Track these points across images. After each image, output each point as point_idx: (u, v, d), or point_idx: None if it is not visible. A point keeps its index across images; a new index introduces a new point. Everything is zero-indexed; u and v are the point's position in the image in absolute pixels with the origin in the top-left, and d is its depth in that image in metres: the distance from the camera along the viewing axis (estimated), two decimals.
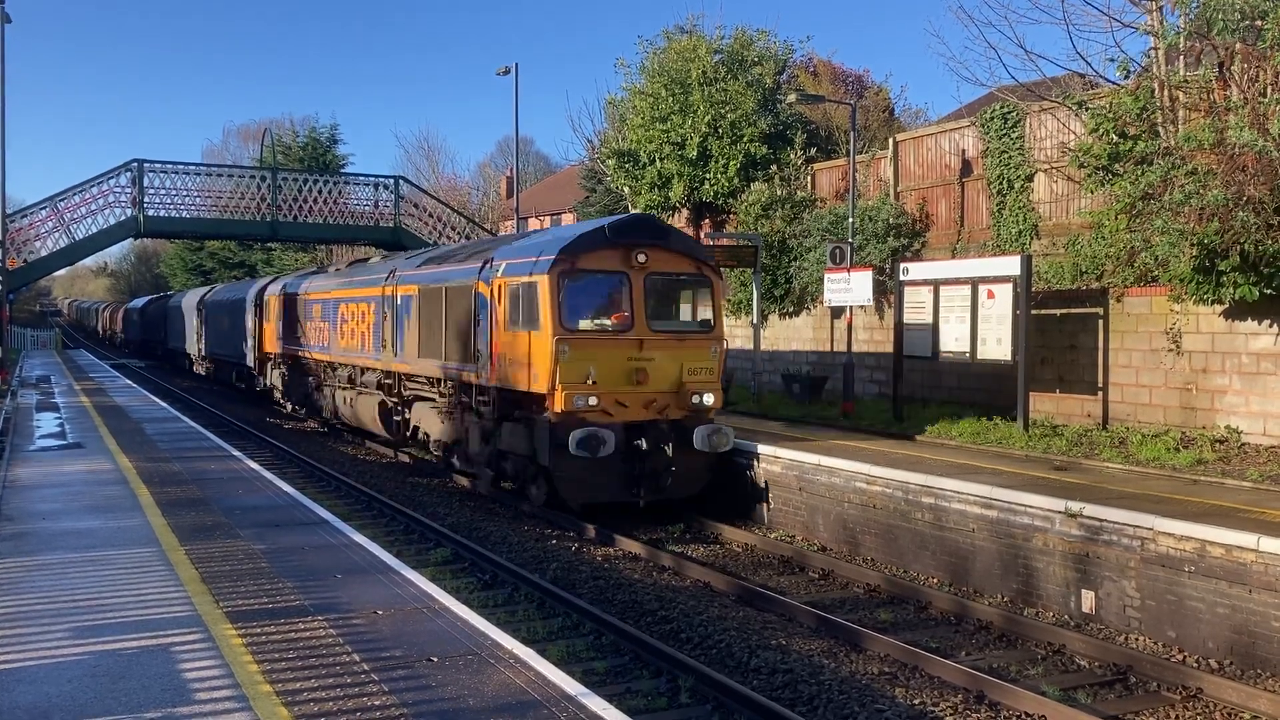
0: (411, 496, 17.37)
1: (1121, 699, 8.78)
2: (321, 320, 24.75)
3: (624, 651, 9.34)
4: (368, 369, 21.67)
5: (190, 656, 6.93)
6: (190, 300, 44.95)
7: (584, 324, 14.41)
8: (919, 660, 9.27)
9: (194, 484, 13.95)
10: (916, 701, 8.47)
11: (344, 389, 23.28)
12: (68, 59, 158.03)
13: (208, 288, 47.42)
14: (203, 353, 41.22)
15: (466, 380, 16.53)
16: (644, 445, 14.33)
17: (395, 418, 20.34)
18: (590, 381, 14.07)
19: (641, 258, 14.49)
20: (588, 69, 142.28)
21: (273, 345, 29.45)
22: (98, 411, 23.97)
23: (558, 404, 13.95)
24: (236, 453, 17.52)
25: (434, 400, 18.44)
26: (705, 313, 15.39)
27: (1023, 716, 8.24)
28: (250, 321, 31.73)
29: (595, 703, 6.21)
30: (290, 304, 27.65)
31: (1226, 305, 14.58)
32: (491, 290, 15.46)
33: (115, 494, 13.10)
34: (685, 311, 15.60)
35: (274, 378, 30.01)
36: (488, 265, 15.85)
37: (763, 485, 15.16)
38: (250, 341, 31.87)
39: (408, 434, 20.02)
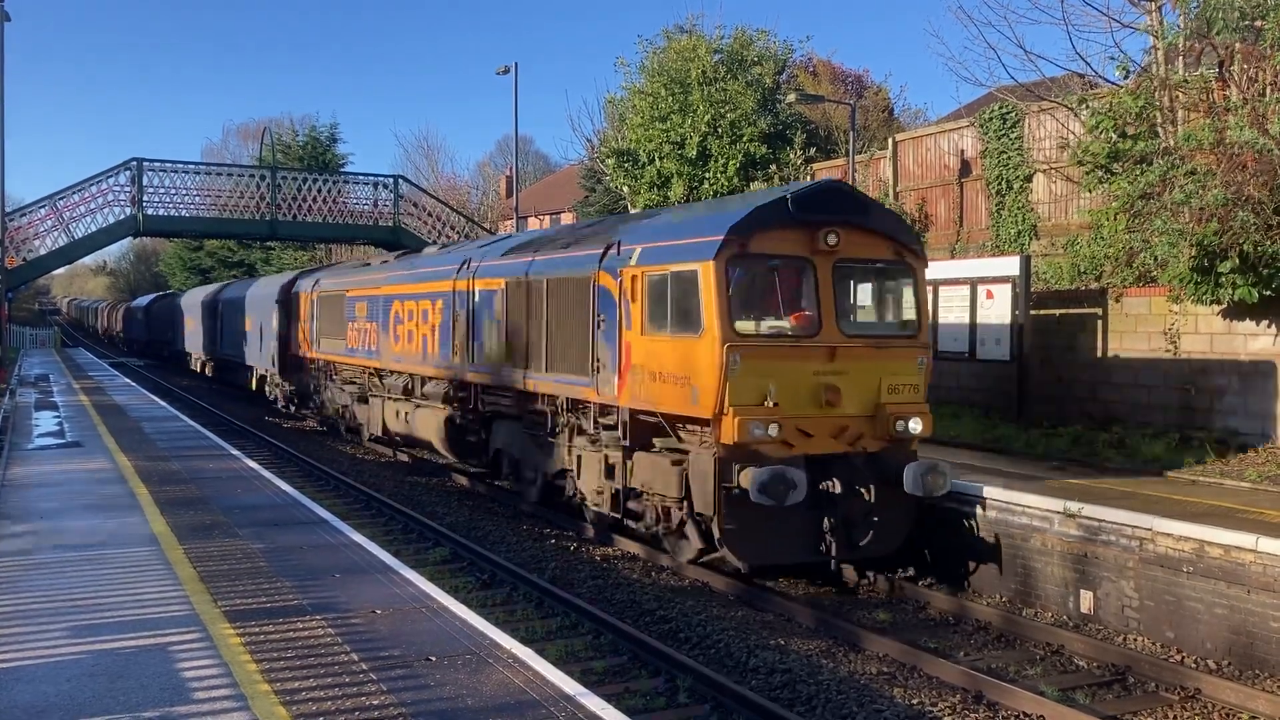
0: (410, 496, 17.37)
1: (1120, 699, 8.78)
2: (367, 320, 21.12)
3: (622, 651, 9.34)
4: (431, 379, 18.21)
5: (188, 656, 6.93)
6: (201, 298, 41.28)
7: (757, 326, 11.27)
8: (917, 660, 9.27)
9: (193, 483, 13.95)
10: (915, 701, 8.47)
11: (397, 401, 19.67)
12: (67, 57, 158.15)
13: (222, 284, 43.88)
14: (216, 355, 37.34)
15: (579, 397, 13.29)
16: (835, 488, 11.15)
17: (469, 438, 17.01)
18: (769, 403, 10.78)
19: (832, 239, 11.16)
20: (587, 68, 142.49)
21: (302, 348, 26.27)
22: (97, 410, 23.97)
23: (728, 433, 10.70)
24: (235, 451, 17.52)
25: (526, 420, 15.08)
26: (907, 311, 12.08)
27: (1021, 717, 8.24)
28: (275, 322, 28.39)
29: (594, 702, 6.21)
30: (326, 302, 24.23)
31: (1225, 306, 14.58)
32: (621, 283, 12.14)
33: (114, 493, 13.10)
34: (879, 309, 12.32)
35: (304, 384, 26.76)
36: (612, 251, 12.55)
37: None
38: (274, 344, 28.56)
39: (486, 458, 16.92)
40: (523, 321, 14.67)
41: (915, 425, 11.41)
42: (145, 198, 31.69)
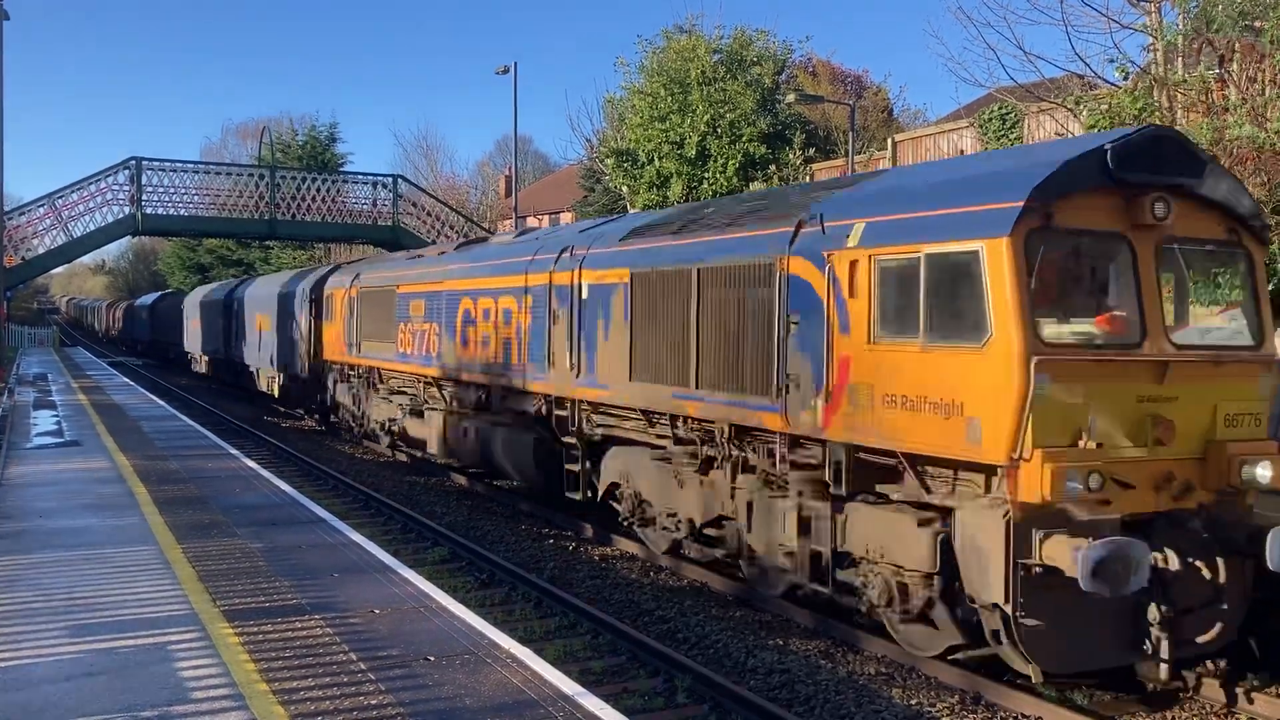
0: (409, 495, 17.36)
1: (1119, 700, 8.77)
2: (425, 320, 18.01)
3: (621, 651, 9.34)
4: (515, 391, 15.04)
5: (187, 655, 6.93)
6: (213, 296, 39.01)
7: (1059, 331, 8.00)
8: (916, 661, 9.27)
9: (191, 482, 13.96)
10: (914, 702, 8.47)
11: (465, 417, 16.79)
12: (67, 55, 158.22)
13: (236, 280, 41.72)
14: (232, 358, 34.60)
15: (753, 425, 10.16)
16: (1169, 562, 8.01)
17: (569, 466, 13.71)
18: (1088, 442, 7.72)
19: (1159, 209, 8.05)
20: (587, 68, 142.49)
21: (336, 352, 23.03)
22: (95, 409, 23.97)
23: (1031, 485, 7.54)
24: (234, 451, 17.54)
25: (660, 448, 12.05)
26: (1242, 312, 8.98)
27: (1019, 717, 8.24)
28: (303, 322, 25.68)
29: (592, 702, 6.22)
30: (370, 299, 20.92)
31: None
32: (829, 271, 9.03)
33: (112, 492, 13.10)
34: (1204, 309, 9.29)
35: (339, 392, 23.49)
36: (809, 229, 9.48)
37: None
38: (302, 346, 25.70)
39: (593, 492, 13.51)
40: (660, 323, 11.58)
41: (1264, 471, 8.15)
42: (144, 197, 31.69)
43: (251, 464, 16.03)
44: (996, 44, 36.10)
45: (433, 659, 6.92)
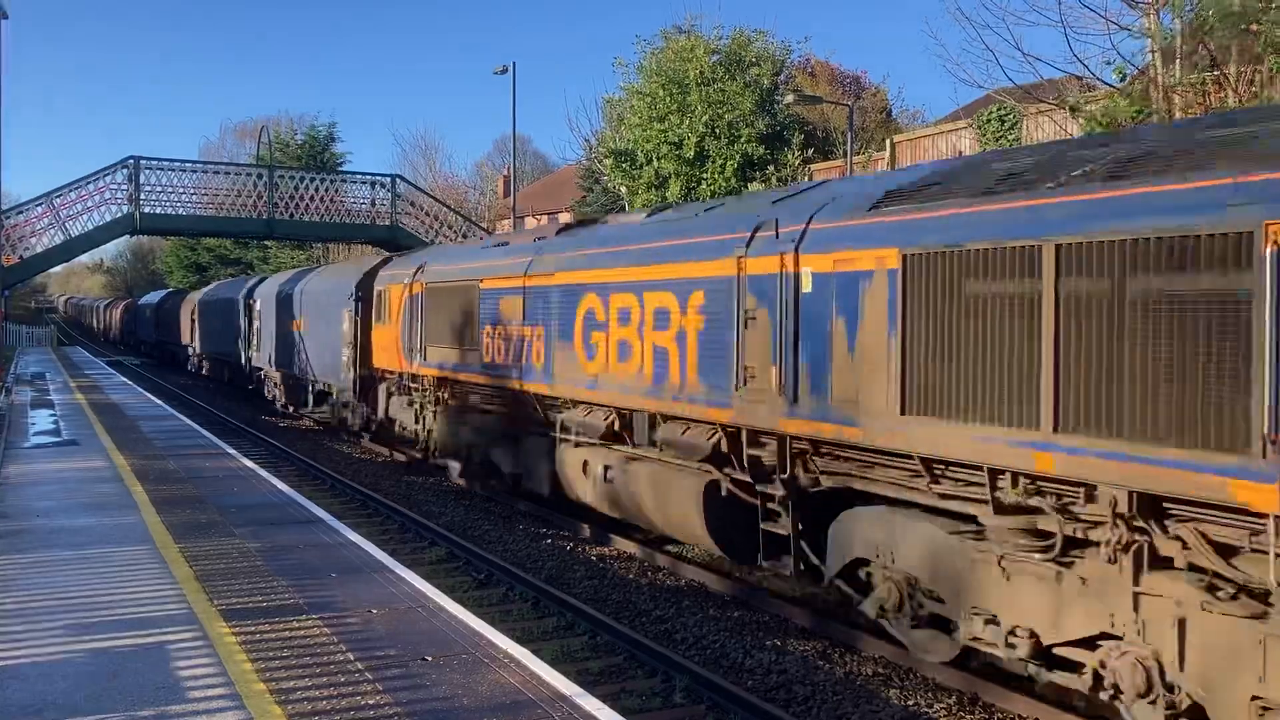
0: (407, 495, 17.36)
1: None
2: (525, 324, 14.10)
3: (618, 651, 9.34)
4: (672, 419, 11.25)
5: (184, 654, 6.94)
6: (222, 294, 36.38)
7: None
8: (914, 662, 9.27)
9: (189, 482, 13.97)
10: (911, 703, 8.47)
11: (584, 447, 13.07)
12: (66, 55, 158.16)
13: (258, 277, 38.74)
14: (250, 364, 31.97)
15: (1201, 497, 6.10)
16: None
17: (768, 526, 10.10)
18: None
19: None
20: (586, 68, 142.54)
21: (390, 359, 19.33)
22: (93, 409, 23.97)
23: None
24: (232, 450, 17.54)
25: (954, 515, 8.22)
26: None
27: (1016, 718, 8.25)
28: (345, 324, 22.19)
29: (590, 703, 6.22)
30: (440, 297, 17.13)
31: None
32: None
33: (110, 491, 13.10)
34: None
35: (394, 407, 19.61)
36: None
37: None
38: (346, 353, 22.24)
39: (807, 567, 9.94)
40: (967, 329, 7.61)
41: None
42: (142, 196, 31.66)
43: (249, 464, 16.04)
44: (995, 45, 36.29)
45: (430, 659, 6.93)
